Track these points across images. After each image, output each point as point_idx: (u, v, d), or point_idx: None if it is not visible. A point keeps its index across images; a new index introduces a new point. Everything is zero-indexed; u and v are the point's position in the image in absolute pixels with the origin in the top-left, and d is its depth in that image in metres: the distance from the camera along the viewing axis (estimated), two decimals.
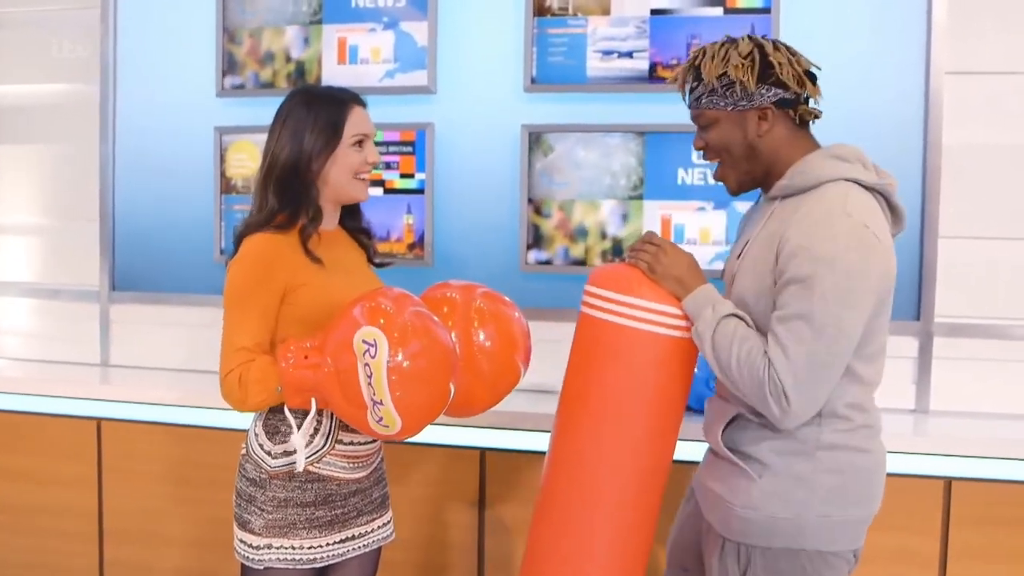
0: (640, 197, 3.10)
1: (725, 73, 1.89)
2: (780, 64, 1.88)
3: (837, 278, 1.73)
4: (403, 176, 3.27)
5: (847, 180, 1.84)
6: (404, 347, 1.85)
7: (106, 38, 3.53)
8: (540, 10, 3.15)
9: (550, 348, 3.22)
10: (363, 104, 2.19)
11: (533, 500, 2.21)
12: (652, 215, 3.09)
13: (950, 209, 2.99)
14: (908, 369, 3.03)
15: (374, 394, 1.86)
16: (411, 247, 3.27)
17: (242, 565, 2.14)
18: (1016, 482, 2.66)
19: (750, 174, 1.94)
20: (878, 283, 1.78)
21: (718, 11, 3.03)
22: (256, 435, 2.12)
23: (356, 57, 3.30)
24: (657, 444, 2.00)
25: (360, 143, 2.15)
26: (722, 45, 1.92)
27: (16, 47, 3.70)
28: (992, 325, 3.01)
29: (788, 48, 1.93)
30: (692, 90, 1.96)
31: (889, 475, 2.58)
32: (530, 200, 3.18)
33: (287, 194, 2.10)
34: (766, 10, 3.00)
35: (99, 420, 3.23)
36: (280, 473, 2.08)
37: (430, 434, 2.90)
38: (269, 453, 2.08)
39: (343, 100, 2.16)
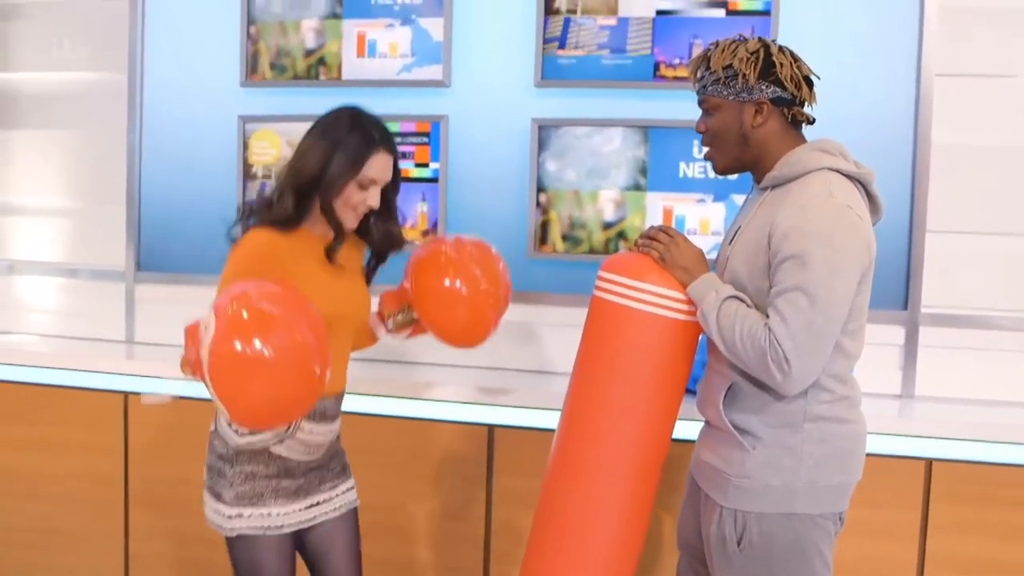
0: (643, 189, 3.26)
1: (731, 65, 2.07)
2: (782, 64, 2.06)
3: (826, 251, 1.90)
4: (418, 165, 3.43)
5: (829, 169, 2.02)
6: (230, 335, 1.80)
7: (134, 28, 3.68)
8: (550, 9, 3.30)
9: (556, 331, 3.40)
10: (392, 151, 2.28)
11: (539, 475, 2.37)
12: (655, 206, 3.24)
13: (938, 204, 3.13)
14: (895, 356, 3.18)
15: (205, 376, 1.85)
16: (425, 233, 3.43)
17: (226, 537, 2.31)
18: (993, 463, 2.81)
19: (738, 160, 2.12)
20: (861, 258, 1.96)
21: (720, 12, 3.18)
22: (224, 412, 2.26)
23: (375, 51, 3.45)
24: (659, 416, 2.17)
25: (366, 186, 2.25)
26: (733, 41, 2.11)
27: (47, 36, 3.84)
28: (976, 315, 3.15)
29: (792, 53, 2.10)
30: (701, 78, 2.14)
31: (874, 455, 2.74)
32: (539, 190, 3.34)
33: (304, 201, 2.21)
34: (766, 12, 3.15)
35: (126, 394, 3.37)
36: (246, 449, 2.24)
37: (439, 411, 3.10)
38: (236, 431, 2.21)
39: (375, 140, 2.24)
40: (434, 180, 3.42)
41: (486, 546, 3.11)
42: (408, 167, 3.43)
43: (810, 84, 2.11)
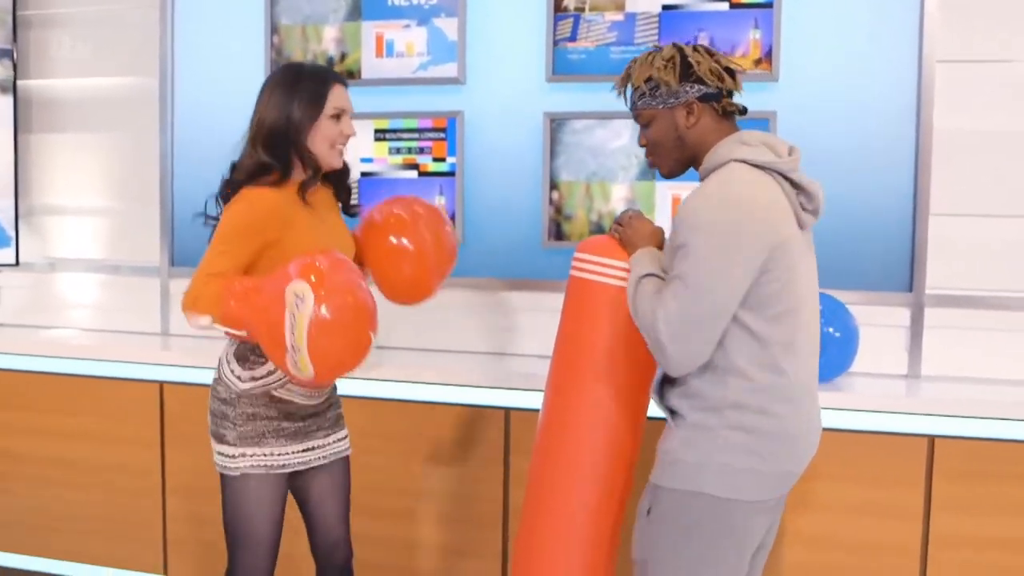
0: (652, 179, 3.36)
1: (651, 76, 2.15)
2: (699, 63, 2.13)
3: (706, 242, 1.97)
4: (435, 160, 3.55)
5: (738, 161, 2.06)
6: (328, 304, 2.05)
7: (164, 36, 3.84)
8: (559, 7, 3.40)
9: None
10: (344, 83, 2.44)
11: None
12: (663, 196, 3.34)
13: (941, 188, 3.19)
14: (901, 337, 3.25)
15: (295, 341, 2.06)
16: None
17: (221, 477, 2.44)
18: (995, 440, 2.86)
19: (679, 161, 2.19)
20: (753, 248, 1.98)
21: (724, 6, 3.27)
22: (228, 361, 2.40)
23: (392, 51, 3.58)
24: (633, 383, 2.29)
25: (338, 117, 2.40)
26: (648, 54, 2.19)
27: (83, 43, 4.01)
28: (980, 296, 3.21)
29: (707, 49, 2.17)
30: (629, 96, 2.23)
31: (877, 433, 2.89)
32: (551, 182, 3.45)
33: (275, 152, 2.34)
34: (768, 4, 3.23)
35: (161, 383, 3.51)
36: (248, 393, 2.37)
37: (457, 395, 3.20)
38: (239, 377, 2.36)
39: (326, 77, 2.41)
40: (451, 174, 3.54)
41: (504, 528, 3.20)
42: (426, 162, 3.55)
43: (732, 74, 2.16)
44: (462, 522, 3.25)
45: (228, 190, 2.38)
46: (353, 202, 2.59)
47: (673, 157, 2.19)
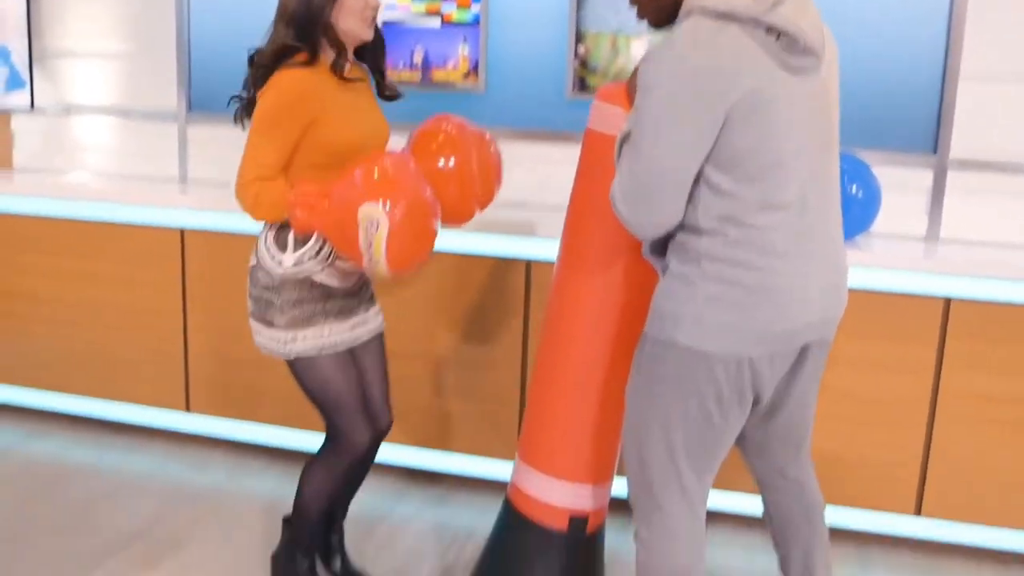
0: None
1: None
2: None
3: (653, 103, 1.85)
4: (459, 8, 3.49)
5: (700, 12, 1.90)
6: (402, 222, 2.15)
7: None
8: None
9: None
10: None
11: None
12: None
13: (972, 51, 3.14)
14: (922, 200, 3.26)
15: (372, 254, 2.18)
16: (466, 75, 3.51)
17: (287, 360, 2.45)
18: (1010, 303, 2.90)
19: (662, 9, 2.05)
20: (705, 106, 1.84)
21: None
22: (268, 248, 2.37)
23: None
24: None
25: None
26: None
27: None
28: (1004, 161, 3.20)
29: None
30: None
31: (894, 294, 2.91)
32: (577, 33, 3.39)
33: (301, 32, 2.31)
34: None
35: (182, 230, 3.51)
36: (291, 278, 2.36)
37: (478, 244, 3.22)
38: (280, 263, 2.34)
39: None
40: (475, 23, 3.48)
41: (522, 379, 3.25)
42: (450, 10, 3.49)
43: None
44: (481, 371, 3.30)
45: (258, 74, 2.34)
46: (388, 88, 2.55)
47: (653, 5, 2.07)
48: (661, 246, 2.05)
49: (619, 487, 2.59)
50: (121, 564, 2.90)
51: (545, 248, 3.15)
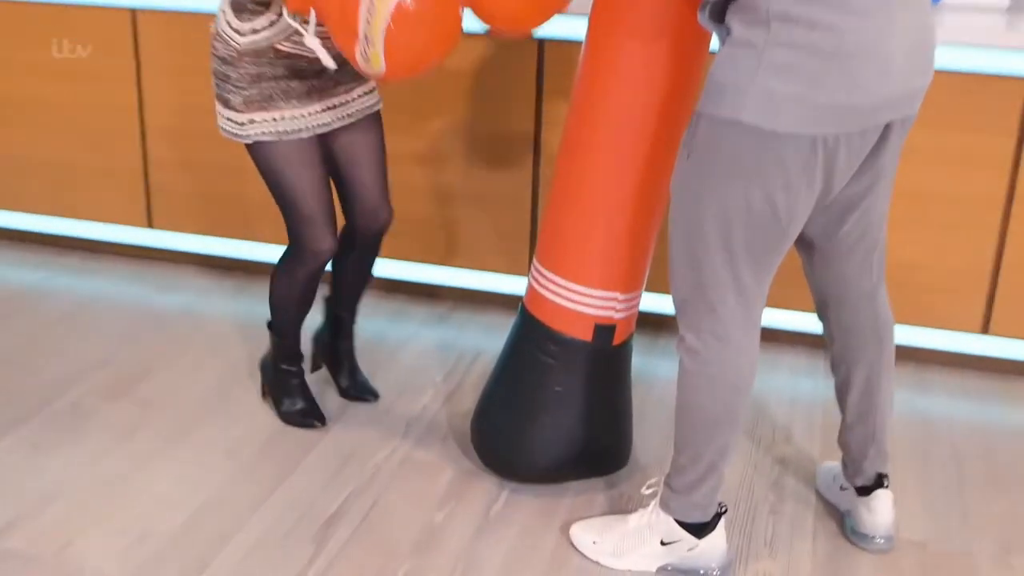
0: None
1: None
2: None
3: None
4: None
5: None
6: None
7: None
8: None
9: None
10: None
11: None
12: None
13: None
14: None
15: (368, 31, 1.81)
16: None
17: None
18: None
19: None
20: None
21: None
22: (224, 12, 2.15)
23: None
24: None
25: None
26: None
27: None
28: None
29: None
30: None
31: (967, 74, 2.61)
32: None
33: None
34: None
35: (133, 10, 3.13)
36: (249, 50, 2.13)
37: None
38: (237, 31, 2.12)
39: None
40: None
41: (534, 170, 2.96)
42: None
43: None
44: (490, 165, 3.00)
45: None
46: None
47: None
48: (721, 9, 1.77)
49: (648, 300, 2.36)
50: (84, 394, 2.66)
51: (560, 25, 2.71)
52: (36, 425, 2.48)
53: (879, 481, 2.13)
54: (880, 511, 2.12)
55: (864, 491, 2.14)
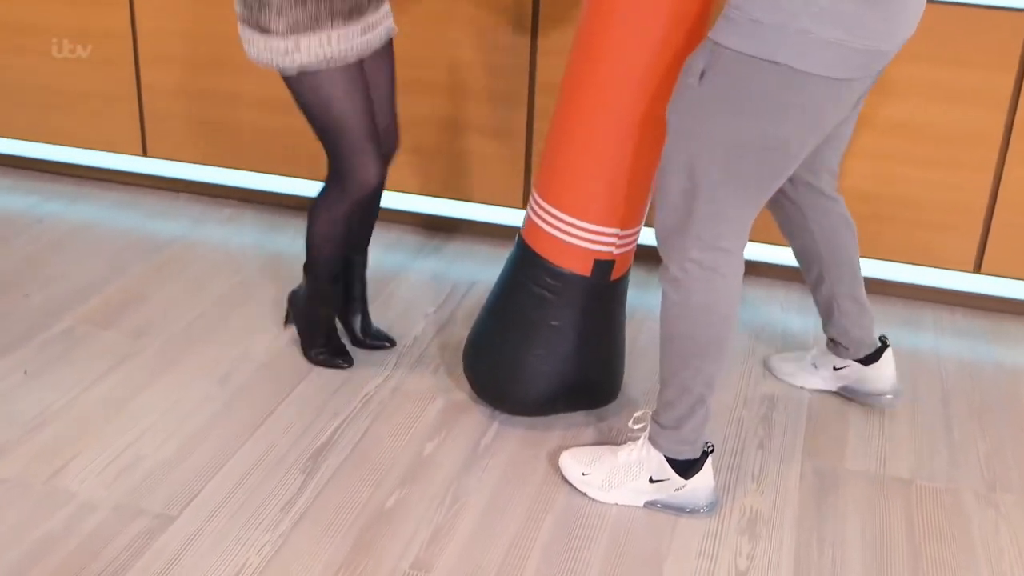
0: None
1: None
2: None
3: None
4: None
5: None
6: None
7: None
8: None
9: None
10: None
11: None
12: None
13: None
14: None
15: None
16: None
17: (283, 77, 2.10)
18: None
19: None
20: None
21: None
22: None
23: None
24: None
25: None
26: None
27: None
28: None
29: None
30: None
31: (962, 5, 2.53)
32: None
33: None
34: None
35: None
36: None
37: None
38: None
39: None
40: None
41: (530, 104, 2.91)
42: None
43: None
44: (486, 96, 2.94)
45: None
46: None
47: None
48: None
49: (645, 235, 2.31)
50: (77, 321, 2.62)
51: None
52: (28, 351, 2.47)
53: (883, 342, 2.33)
54: (887, 368, 2.33)
55: (871, 358, 2.33)
